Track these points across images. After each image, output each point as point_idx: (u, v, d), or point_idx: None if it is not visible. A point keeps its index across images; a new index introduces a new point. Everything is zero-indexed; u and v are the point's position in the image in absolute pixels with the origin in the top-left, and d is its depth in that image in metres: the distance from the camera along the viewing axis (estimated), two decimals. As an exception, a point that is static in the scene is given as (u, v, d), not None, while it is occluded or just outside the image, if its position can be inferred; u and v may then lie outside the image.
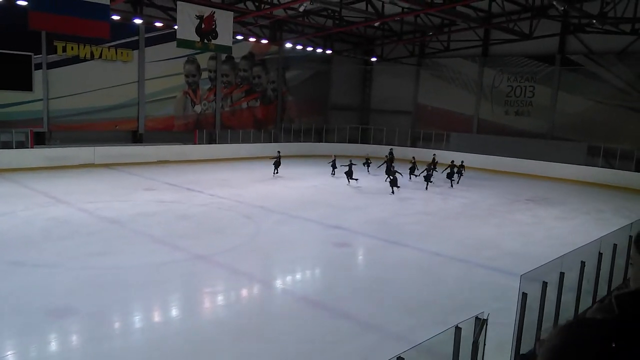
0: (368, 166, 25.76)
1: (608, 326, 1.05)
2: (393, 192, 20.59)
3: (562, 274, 7.47)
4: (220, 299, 9.74)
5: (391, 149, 27.31)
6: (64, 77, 24.21)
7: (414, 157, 25.36)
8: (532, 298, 6.67)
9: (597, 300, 8.61)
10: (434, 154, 25.52)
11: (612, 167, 25.84)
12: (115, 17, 22.05)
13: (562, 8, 21.44)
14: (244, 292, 10.24)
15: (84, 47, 24.43)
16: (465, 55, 32.03)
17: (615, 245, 9.11)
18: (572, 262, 7.94)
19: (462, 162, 24.02)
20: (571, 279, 7.87)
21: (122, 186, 19.71)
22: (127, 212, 15.29)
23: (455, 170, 23.39)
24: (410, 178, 23.97)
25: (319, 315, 9.05)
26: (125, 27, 24.78)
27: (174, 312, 9.12)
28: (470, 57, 32.03)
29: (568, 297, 7.77)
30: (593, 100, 27.53)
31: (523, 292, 6.50)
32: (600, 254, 8.66)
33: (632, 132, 26.06)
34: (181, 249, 12.10)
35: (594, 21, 23.19)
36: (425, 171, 22.24)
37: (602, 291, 8.93)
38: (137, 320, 8.58)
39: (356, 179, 22.28)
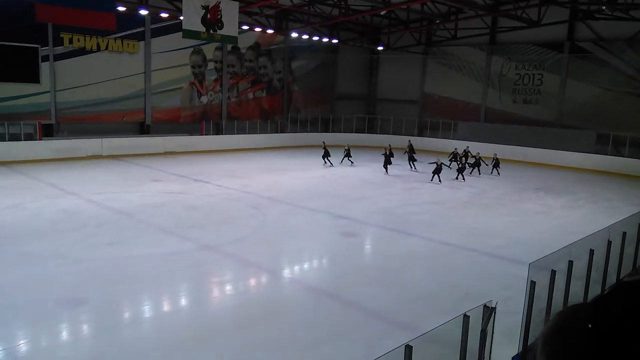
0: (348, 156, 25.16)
1: (588, 308, 1.07)
2: (439, 179, 20.99)
3: (570, 263, 7.45)
4: (228, 288, 9.79)
5: (409, 140, 27.36)
6: (71, 69, 24.27)
7: (409, 142, 25.69)
8: (541, 287, 6.66)
9: (605, 288, 8.57)
10: (467, 146, 25.14)
11: (621, 155, 25.61)
12: (121, 8, 22.03)
13: (571, -6, 21.19)
14: (252, 282, 10.29)
15: (91, 38, 24.45)
16: (472, 44, 31.75)
17: (624, 234, 9.06)
18: (581, 250, 7.91)
19: (478, 153, 23.85)
20: (580, 267, 7.84)
21: (129, 177, 19.80)
22: (136, 203, 15.37)
23: (483, 161, 23.42)
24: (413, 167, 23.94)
25: (327, 304, 9.08)
26: (131, 18, 24.75)
27: (183, 302, 9.19)
28: (478, 45, 31.75)
29: (577, 286, 7.75)
30: (602, 88, 27.25)
31: (531, 281, 6.49)
32: (609, 242, 8.61)
33: (641, 120, 25.81)
34: (189, 239, 12.16)
35: (604, 7, 22.89)
36: (458, 163, 22.44)
37: (611, 279, 8.89)
38: (147, 310, 8.65)
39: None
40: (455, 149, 24.99)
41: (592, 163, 25.64)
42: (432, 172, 21.06)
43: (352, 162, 24.69)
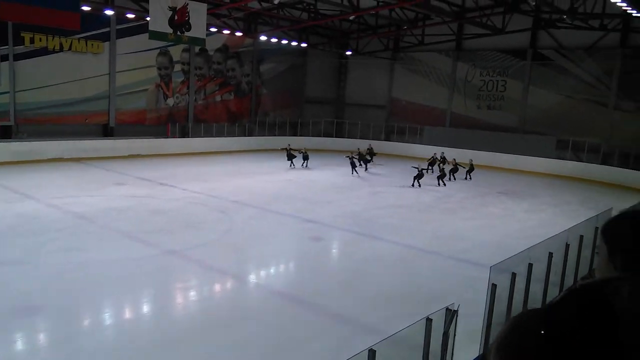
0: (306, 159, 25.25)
1: (540, 314, 1.10)
2: (419, 184, 21.21)
3: (530, 265, 7.63)
4: (193, 294, 9.66)
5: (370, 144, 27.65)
6: (32, 69, 23.57)
7: (360, 149, 25.64)
8: (502, 289, 6.79)
9: (563, 290, 8.80)
10: (442, 152, 25.07)
11: (580, 160, 26.43)
12: (86, 8, 21.54)
13: (534, 3, 21.78)
14: (217, 287, 10.18)
15: (53, 38, 23.81)
16: (439, 50, 32.28)
17: (581, 237, 9.34)
18: (541, 253, 8.11)
19: (454, 159, 24.14)
20: (539, 269, 8.04)
21: (92, 181, 19.34)
22: (98, 207, 15.02)
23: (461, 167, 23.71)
24: (365, 169, 24.48)
25: (293, 309, 9.05)
26: (96, 18, 24.22)
27: (146, 308, 9.02)
28: (444, 52, 32.30)
29: (536, 288, 7.94)
30: (563, 95, 28.07)
31: (492, 283, 6.61)
32: (567, 245, 8.86)
33: (599, 126, 26.67)
34: (153, 244, 11.94)
35: (565, 17, 23.61)
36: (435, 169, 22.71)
37: (569, 281, 9.14)
38: (108, 317, 8.45)
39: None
40: (434, 154, 25.20)
41: (553, 168, 26.37)
42: (414, 178, 21.19)
43: (306, 166, 24.70)
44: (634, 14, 20.44)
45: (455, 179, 23.41)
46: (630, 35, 25.67)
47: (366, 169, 24.81)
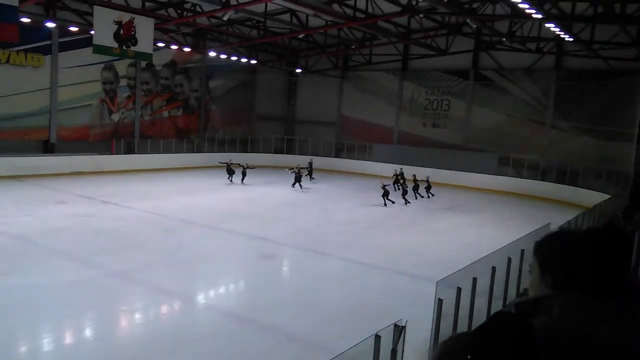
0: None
1: (467, 339, 1.15)
2: (391, 201, 20.84)
3: (474, 280, 7.84)
4: (138, 317, 9.34)
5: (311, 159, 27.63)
6: (-34, 82, 22.44)
7: (298, 165, 25.29)
8: (448, 303, 6.95)
9: (506, 304, 9.10)
10: (401, 168, 24.87)
11: (520, 176, 27.56)
12: (25, 20, 20.75)
13: (475, 26, 22.71)
14: (164, 310, 9.88)
15: (-11, 50, 22.80)
16: (386, 69, 33.06)
17: (522, 251, 9.69)
18: (484, 267, 8.36)
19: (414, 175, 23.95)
20: (484, 283, 8.28)
21: (31, 200, 18.47)
22: (36, 228, 14.35)
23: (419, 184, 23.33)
24: (299, 186, 24.17)
25: (243, 329, 8.91)
26: (37, 31, 23.38)
27: (88, 333, 8.65)
28: (391, 71, 33.10)
29: (481, 302, 8.16)
30: (503, 114, 29.29)
31: (439, 298, 6.76)
32: (509, 260, 9.18)
33: (537, 144, 27.96)
34: (96, 265, 11.50)
35: (504, 39, 24.76)
36: (400, 187, 22.36)
37: (512, 295, 9.45)
38: (47, 343, 8.04)
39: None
40: (395, 171, 24.95)
41: (496, 184, 27.34)
42: (382, 196, 20.69)
43: (242, 182, 24.59)
44: (566, 39, 21.69)
45: (419, 196, 23.21)
46: (563, 58, 27.18)
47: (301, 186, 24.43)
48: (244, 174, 24.60)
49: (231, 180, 24.40)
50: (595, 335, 1.26)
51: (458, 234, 16.99)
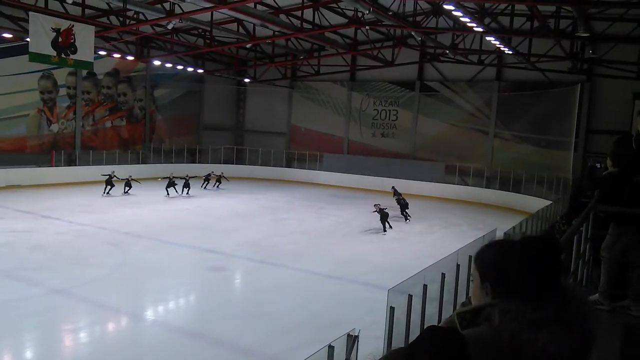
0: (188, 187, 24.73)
1: (403, 353, 1.21)
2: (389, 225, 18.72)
3: (425, 286, 7.95)
4: (82, 336, 8.91)
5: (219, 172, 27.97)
6: None
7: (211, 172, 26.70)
8: (401, 310, 7.00)
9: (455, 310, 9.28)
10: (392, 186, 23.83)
11: (466, 184, 28.38)
12: (-46, 26, 19.64)
13: (420, 38, 23.29)
14: (110, 327, 9.49)
15: None
16: (334, 80, 33.36)
17: (470, 257, 9.91)
18: (434, 274, 8.49)
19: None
20: (434, 289, 8.40)
21: (-38, 215, 17.39)
22: (-31, 245, 13.49)
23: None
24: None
25: (194, 344, 8.67)
26: (-33, 37, 22.14)
27: (29, 354, 8.16)
28: (340, 82, 33.44)
29: (432, 308, 8.28)
30: (448, 123, 30.13)
31: (390, 306, 6.79)
32: (457, 265, 9.37)
33: (482, 152, 28.93)
34: (35, 283, 10.92)
35: (447, 51, 25.53)
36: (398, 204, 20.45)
37: (462, 299, 9.66)
38: (-20, 369, 7.53)
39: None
40: (393, 187, 23.58)
41: (443, 192, 28.03)
42: (381, 221, 18.44)
43: (187, 193, 24.32)
44: (506, 51, 22.62)
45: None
46: (504, 70, 28.32)
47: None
48: (186, 186, 24.05)
49: (167, 194, 23.54)
50: (532, 341, 1.30)
51: (406, 241, 17.26)
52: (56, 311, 9.72)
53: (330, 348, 5.28)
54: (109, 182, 23.09)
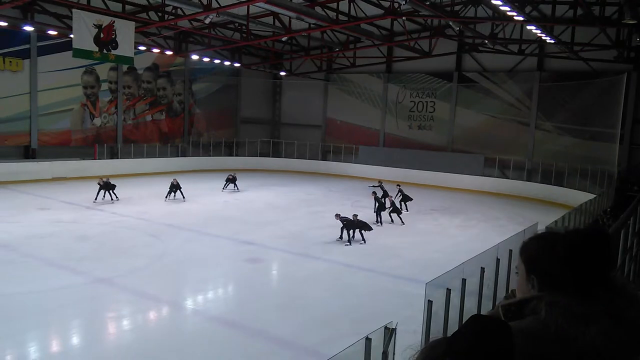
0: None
1: (443, 343, 1.17)
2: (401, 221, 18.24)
3: (464, 280, 7.83)
4: (125, 323, 9.18)
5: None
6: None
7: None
8: (438, 304, 6.92)
9: (496, 304, 9.12)
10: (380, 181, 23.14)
11: (506, 177, 27.77)
12: (2, 24, 20.40)
13: (458, 28, 22.85)
14: (152, 315, 9.74)
15: (-34, 55, 22.37)
16: (370, 72, 33.13)
17: (510, 251, 9.72)
18: (473, 268, 8.36)
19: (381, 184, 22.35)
20: (473, 284, 8.28)
21: (12, 206, 18.12)
22: (18, 234, 14.07)
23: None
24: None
25: (232, 334, 8.81)
26: (15, 35, 23.00)
27: (75, 340, 8.47)
28: (375, 73, 33.19)
29: (471, 302, 8.16)
30: (487, 115, 29.52)
31: (428, 300, 6.72)
32: (497, 260, 9.20)
33: (522, 145, 28.24)
34: (80, 272, 11.30)
35: (486, 41, 24.95)
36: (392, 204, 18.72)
37: (501, 294, 9.47)
38: (33, 352, 7.87)
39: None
40: (398, 185, 22.15)
41: (482, 185, 27.53)
42: (390, 214, 18.31)
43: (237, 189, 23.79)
44: (548, 41, 21.93)
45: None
46: (545, 59, 27.50)
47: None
48: (230, 180, 23.84)
49: (167, 198, 20.86)
50: (579, 336, 1.27)
51: (444, 235, 17.04)
52: (100, 299, 10.04)
53: (368, 340, 5.27)
54: (175, 186, 20.81)
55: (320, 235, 15.91)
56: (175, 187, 20.78)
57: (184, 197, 20.83)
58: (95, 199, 19.45)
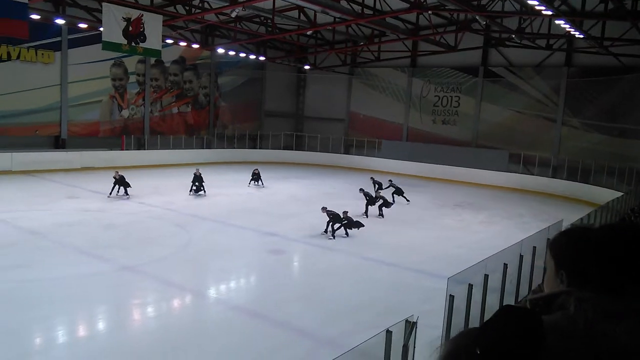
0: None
1: (474, 333, 1.17)
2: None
3: (486, 276, 7.82)
4: (150, 310, 9.42)
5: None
6: (-22, 78, 22.63)
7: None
8: (459, 300, 6.93)
9: (518, 301, 9.08)
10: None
11: (531, 173, 27.38)
12: (35, 17, 20.88)
13: (484, 22, 22.57)
14: (176, 303, 9.96)
15: (0, 47, 22.95)
16: (394, 66, 32.95)
17: (534, 248, 9.66)
18: (496, 264, 8.33)
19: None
20: (495, 280, 8.25)
21: (42, 194, 18.64)
22: (48, 222, 14.48)
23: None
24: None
25: (254, 324, 8.95)
26: (46, 28, 23.51)
27: (101, 326, 8.73)
28: (400, 68, 33.00)
29: (492, 298, 8.14)
30: (513, 110, 29.13)
31: (450, 295, 6.74)
32: (521, 257, 9.15)
33: (548, 141, 27.81)
34: (107, 260, 11.60)
35: (513, 36, 24.58)
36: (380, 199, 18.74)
37: (524, 291, 9.42)
38: (60, 336, 8.14)
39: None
40: (390, 181, 22.40)
41: (506, 181, 27.19)
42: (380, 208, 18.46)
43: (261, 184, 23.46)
44: (577, 35, 21.51)
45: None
46: (574, 54, 26.97)
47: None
48: (255, 176, 23.49)
49: (192, 192, 20.52)
50: (609, 333, 1.25)
51: (467, 231, 16.94)
52: (126, 287, 10.31)
53: (388, 333, 5.32)
54: (199, 178, 20.69)
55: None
56: (197, 180, 20.44)
57: (204, 192, 20.38)
58: (110, 193, 18.72)
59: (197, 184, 20.51)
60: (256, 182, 23.38)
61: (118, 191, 18.89)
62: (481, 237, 15.96)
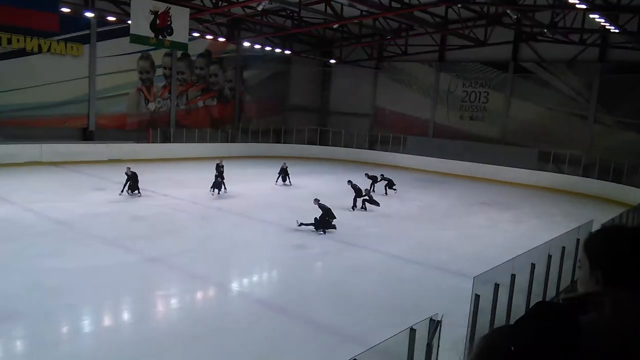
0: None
1: (507, 330, 1.14)
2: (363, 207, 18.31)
3: (513, 276, 7.64)
4: (174, 302, 9.48)
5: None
6: (9, 70, 23.10)
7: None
8: (485, 299, 6.78)
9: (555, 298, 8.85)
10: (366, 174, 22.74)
11: (561, 172, 26.75)
12: (65, 10, 21.21)
13: (515, 17, 22.08)
14: (200, 295, 10.01)
15: (31, 39, 23.40)
16: (422, 60, 32.54)
17: (563, 248, 9.41)
18: (523, 264, 8.13)
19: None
20: (522, 280, 8.06)
21: (71, 185, 18.97)
22: (76, 213, 14.72)
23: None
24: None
25: (276, 318, 8.94)
26: (76, 21, 23.88)
27: (126, 315, 8.82)
28: (427, 62, 32.57)
29: (519, 299, 7.95)
30: (544, 107, 28.47)
31: (476, 294, 6.60)
32: (549, 257, 8.91)
33: (580, 139, 27.10)
34: (133, 251, 11.73)
35: (545, 30, 24.00)
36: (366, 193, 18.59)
37: (551, 292, 9.19)
38: (87, 325, 8.25)
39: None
40: (382, 175, 22.40)
41: (536, 179, 26.62)
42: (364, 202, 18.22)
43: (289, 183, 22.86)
44: (611, 30, 20.86)
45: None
46: (608, 50, 26.20)
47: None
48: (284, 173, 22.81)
49: (214, 191, 19.24)
50: None
51: (495, 230, 16.65)
52: (151, 278, 10.41)
53: (412, 331, 5.23)
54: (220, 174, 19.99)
55: (367, 226, 15.88)
56: (219, 176, 19.50)
57: (225, 189, 19.63)
58: (122, 191, 17.52)
59: (218, 181, 19.32)
60: (284, 181, 23.08)
61: (129, 190, 17.64)
62: (509, 236, 15.67)
